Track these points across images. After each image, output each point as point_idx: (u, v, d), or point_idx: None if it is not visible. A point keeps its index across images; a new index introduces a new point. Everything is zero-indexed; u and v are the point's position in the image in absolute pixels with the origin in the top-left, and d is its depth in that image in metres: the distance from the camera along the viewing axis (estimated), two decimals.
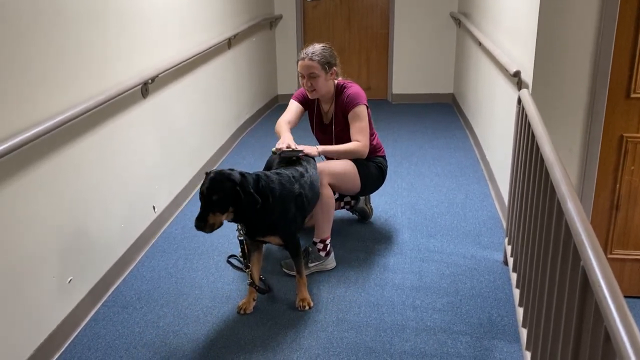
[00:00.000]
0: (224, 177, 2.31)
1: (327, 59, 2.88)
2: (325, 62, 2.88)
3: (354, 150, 2.91)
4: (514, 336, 2.39)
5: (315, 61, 2.86)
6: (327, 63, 2.88)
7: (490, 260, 3.00)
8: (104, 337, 2.45)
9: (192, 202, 3.81)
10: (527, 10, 2.89)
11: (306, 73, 2.89)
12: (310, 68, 2.87)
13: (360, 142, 2.90)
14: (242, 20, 5.12)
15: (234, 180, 2.31)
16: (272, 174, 2.51)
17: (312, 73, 2.88)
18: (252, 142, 5.04)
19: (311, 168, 2.72)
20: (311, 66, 2.87)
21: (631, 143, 2.73)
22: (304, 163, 2.72)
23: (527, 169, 2.33)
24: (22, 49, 2.12)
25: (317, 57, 2.86)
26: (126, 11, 2.95)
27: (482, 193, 3.84)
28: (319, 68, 2.87)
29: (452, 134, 5.17)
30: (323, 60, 2.87)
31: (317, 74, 2.88)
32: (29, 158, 2.18)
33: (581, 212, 1.47)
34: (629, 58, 2.60)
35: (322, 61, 2.87)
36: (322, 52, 2.88)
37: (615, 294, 1.13)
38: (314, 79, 2.89)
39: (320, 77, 2.89)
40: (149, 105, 3.25)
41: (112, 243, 2.85)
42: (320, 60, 2.86)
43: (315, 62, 2.86)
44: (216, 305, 2.65)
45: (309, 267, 2.86)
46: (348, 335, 2.41)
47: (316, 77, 2.88)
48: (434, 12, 6.06)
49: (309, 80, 2.90)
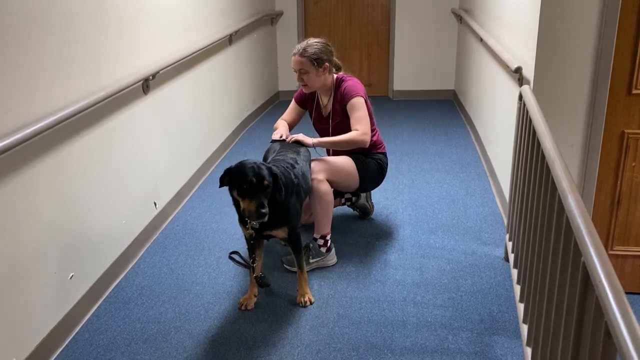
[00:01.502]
0: (265, 166, 2.37)
1: (318, 55, 2.88)
2: (316, 57, 2.88)
3: (351, 139, 2.88)
4: (515, 332, 2.40)
5: (305, 57, 2.87)
6: (318, 59, 2.88)
7: (491, 256, 3.00)
8: (106, 332, 2.46)
9: (194, 198, 3.81)
10: (529, 7, 2.88)
11: (297, 68, 2.92)
12: (299, 64, 2.89)
13: (359, 130, 2.88)
14: (244, 16, 5.11)
15: (273, 171, 2.39)
16: (273, 166, 2.52)
17: (302, 69, 2.90)
18: (254, 139, 5.04)
19: (301, 159, 2.74)
20: (300, 62, 2.89)
21: (632, 139, 2.73)
22: (296, 153, 2.78)
23: (528, 165, 2.33)
24: (22, 45, 2.11)
25: (306, 54, 2.87)
26: (126, 7, 2.94)
27: (483, 189, 3.83)
28: (309, 64, 2.88)
29: (453, 130, 5.16)
30: (313, 56, 2.87)
31: (306, 70, 2.89)
32: (30, 154, 2.18)
33: (582, 208, 1.47)
34: (630, 54, 2.60)
35: (312, 57, 2.87)
36: (313, 49, 2.88)
37: (616, 289, 1.13)
38: (305, 74, 2.92)
39: (311, 72, 2.90)
40: (150, 101, 3.25)
41: (114, 239, 2.85)
42: (310, 56, 2.87)
43: (305, 59, 2.87)
44: (217, 301, 2.66)
45: (310, 263, 2.86)
46: (349, 331, 2.42)
47: (307, 73, 2.91)
48: (435, 8, 6.05)
49: (300, 76, 2.93)
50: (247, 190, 2.31)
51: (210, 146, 4.35)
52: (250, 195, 2.31)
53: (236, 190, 2.36)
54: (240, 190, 2.34)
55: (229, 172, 2.39)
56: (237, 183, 2.34)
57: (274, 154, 2.80)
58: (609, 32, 2.56)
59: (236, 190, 2.36)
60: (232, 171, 2.36)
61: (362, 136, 2.88)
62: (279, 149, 2.84)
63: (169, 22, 3.52)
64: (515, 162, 2.74)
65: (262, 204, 2.30)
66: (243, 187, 2.32)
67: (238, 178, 2.34)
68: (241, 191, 2.34)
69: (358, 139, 2.88)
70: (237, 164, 2.38)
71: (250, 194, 2.31)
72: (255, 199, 2.30)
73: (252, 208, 2.30)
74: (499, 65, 3.73)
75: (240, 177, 2.33)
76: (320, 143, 2.93)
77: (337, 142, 2.92)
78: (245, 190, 2.32)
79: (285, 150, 2.79)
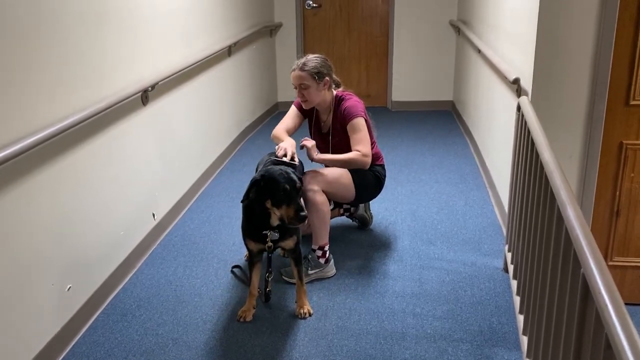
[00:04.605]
0: (290, 170, 2.41)
1: (318, 69, 2.88)
2: (316, 72, 2.88)
3: (352, 159, 2.89)
4: (515, 344, 2.38)
5: (305, 72, 2.87)
6: (318, 73, 2.88)
7: (491, 267, 2.99)
8: (103, 344, 2.44)
9: (192, 209, 3.80)
10: (526, 18, 2.89)
11: (297, 83, 2.91)
12: (300, 78, 2.89)
13: (360, 152, 2.88)
14: (243, 27, 5.14)
15: (298, 175, 2.43)
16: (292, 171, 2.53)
17: (302, 84, 2.89)
18: (253, 150, 5.05)
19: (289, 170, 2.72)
20: (301, 77, 2.88)
21: (631, 150, 2.73)
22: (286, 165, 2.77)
23: (527, 175, 2.33)
24: (22, 56, 2.12)
25: (307, 68, 2.87)
26: (126, 19, 2.96)
27: (482, 200, 3.83)
28: (309, 78, 2.87)
29: (452, 141, 5.17)
30: (313, 70, 2.87)
31: (307, 85, 2.89)
32: (29, 165, 2.18)
33: (581, 219, 1.47)
34: (628, 65, 2.61)
35: (312, 72, 2.87)
36: (313, 63, 2.88)
37: (616, 301, 1.12)
38: (306, 90, 2.91)
39: (312, 87, 2.90)
40: (149, 112, 3.25)
41: (112, 250, 2.84)
42: (310, 70, 2.87)
43: (305, 73, 2.87)
44: (216, 313, 2.64)
45: (308, 274, 2.85)
46: (348, 343, 2.40)
47: (307, 88, 2.90)
48: (433, 19, 6.09)
49: (300, 91, 2.92)
50: (284, 197, 2.34)
51: (209, 157, 4.35)
52: (287, 201, 2.34)
53: (270, 200, 2.37)
54: (276, 198, 2.35)
55: (257, 184, 2.39)
56: (271, 192, 2.36)
57: (263, 165, 2.80)
58: (607, 43, 2.57)
59: (270, 200, 2.37)
60: (263, 182, 2.37)
61: (363, 158, 2.88)
62: (267, 159, 2.83)
63: (168, 33, 3.53)
64: (514, 173, 2.74)
65: (301, 207, 2.35)
66: (280, 194, 2.34)
67: (271, 187, 2.36)
68: (277, 199, 2.35)
69: (359, 160, 2.88)
70: (263, 174, 2.40)
71: (287, 200, 2.34)
72: (292, 204, 2.34)
73: (292, 213, 2.33)
74: (497, 77, 3.75)
75: (273, 185, 2.35)
76: (322, 160, 2.91)
77: (338, 159, 2.92)
78: (282, 198, 2.34)
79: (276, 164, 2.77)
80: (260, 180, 2.38)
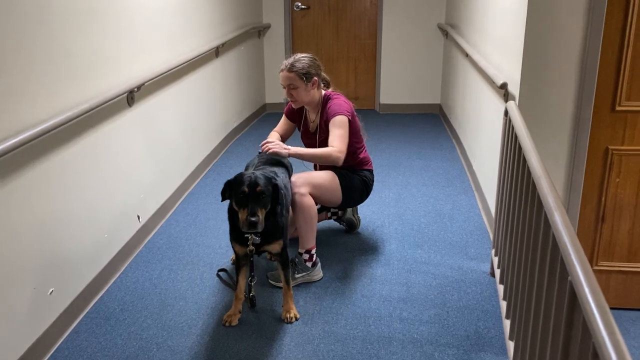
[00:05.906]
0: (264, 176, 2.36)
1: (307, 69, 2.87)
2: (304, 72, 2.87)
3: (325, 154, 2.80)
4: (501, 349, 2.38)
5: (294, 72, 2.86)
6: (306, 74, 2.87)
7: (477, 271, 2.99)
8: (86, 349, 2.40)
9: (178, 211, 3.77)
10: (514, 23, 2.90)
11: (285, 84, 2.91)
12: (288, 79, 2.88)
13: (335, 147, 2.80)
14: (230, 28, 5.11)
15: (273, 181, 2.39)
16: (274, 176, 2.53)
17: (291, 84, 2.89)
18: (240, 151, 5.02)
19: (280, 172, 2.73)
20: (289, 77, 2.87)
21: (616, 155, 2.75)
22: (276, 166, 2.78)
23: (514, 180, 2.34)
24: (5, 56, 2.08)
25: (295, 69, 2.86)
26: (112, 19, 2.92)
27: (469, 204, 3.84)
28: (297, 79, 2.87)
29: (440, 144, 5.18)
30: (302, 70, 2.86)
31: (296, 85, 2.88)
32: (11, 166, 2.14)
33: (569, 225, 1.47)
34: (614, 72, 2.63)
35: (300, 72, 2.86)
36: (302, 63, 2.87)
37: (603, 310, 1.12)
38: (294, 90, 2.90)
39: (300, 87, 2.89)
40: (135, 113, 3.22)
41: (95, 253, 2.80)
42: (298, 71, 2.86)
43: (293, 74, 2.86)
44: (201, 317, 2.62)
45: (295, 278, 2.83)
46: (334, 348, 2.39)
47: (296, 88, 2.89)
48: (421, 23, 6.10)
49: (289, 91, 2.92)
50: (242, 200, 2.32)
51: (195, 159, 4.32)
52: (243, 204, 2.31)
53: (234, 200, 2.37)
54: (236, 199, 2.35)
55: (229, 185, 2.40)
56: (235, 193, 2.36)
57: (253, 167, 2.79)
58: (593, 49, 2.58)
59: (234, 200, 2.37)
60: (232, 182, 2.38)
61: (337, 153, 2.79)
62: (257, 162, 2.83)
63: (154, 33, 3.49)
64: (500, 177, 2.75)
65: (254, 212, 2.28)
66: (239, 196, 2.32)
67: (235, 188, 2.36)
68: (236, 200, 2.35)
69: (333, 155, 2.79)
70: (236, 175, 2.40)
71: (243, 203, 2.31)
72: (246, 207, 2.30)
73: (244, 217, 2.30)
74: (485, 81, 3.76)
75: (236, 187, 2.35)
76: (295, 153, 2.82)
77: (311, 154, 2.85)
78: (239, 200, 2.33)
79: (264, 165, 2.78)
80: (231, 181, 2.39)
